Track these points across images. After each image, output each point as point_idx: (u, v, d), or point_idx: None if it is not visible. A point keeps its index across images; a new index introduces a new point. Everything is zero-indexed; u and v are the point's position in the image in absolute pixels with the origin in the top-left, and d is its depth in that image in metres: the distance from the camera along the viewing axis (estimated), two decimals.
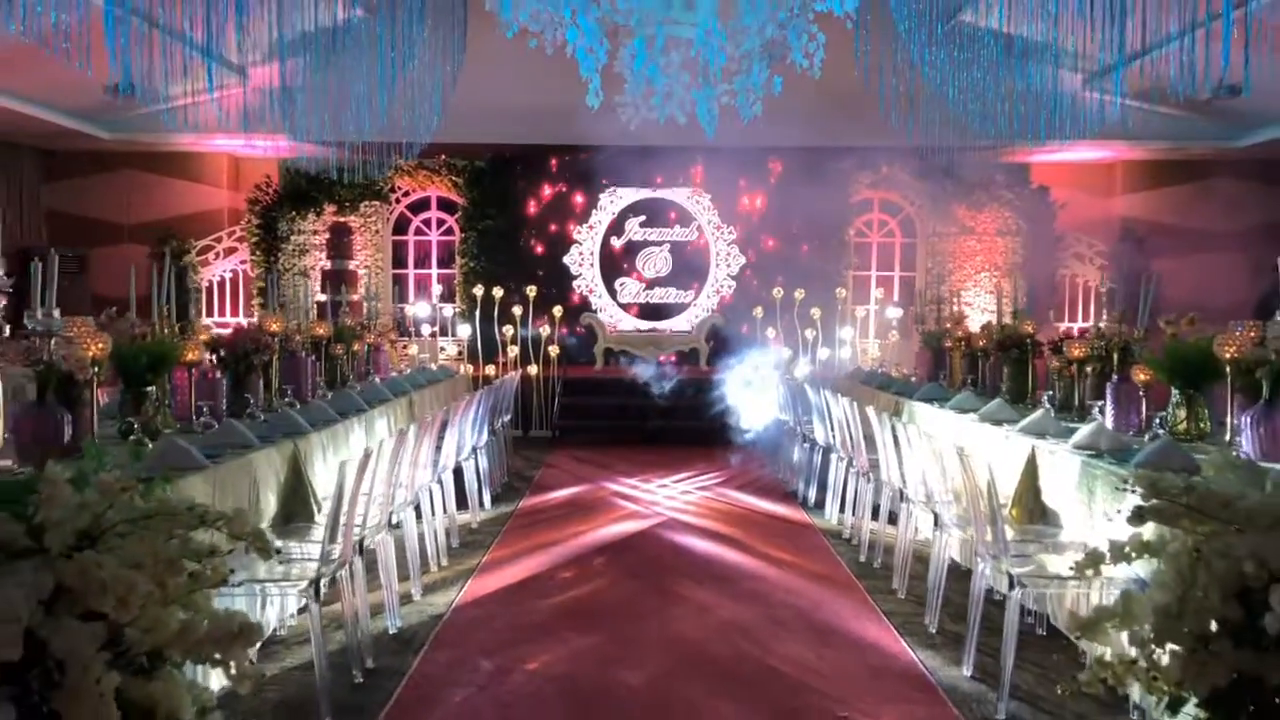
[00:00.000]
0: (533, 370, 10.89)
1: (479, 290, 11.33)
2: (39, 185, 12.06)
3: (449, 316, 11.78)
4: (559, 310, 11.27)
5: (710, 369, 11.05)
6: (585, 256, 11.86)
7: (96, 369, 3.64)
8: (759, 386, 9.70)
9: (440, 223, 12.49)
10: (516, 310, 11.16)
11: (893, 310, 11.74)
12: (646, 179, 11.81)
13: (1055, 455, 4.14)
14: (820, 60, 7.65)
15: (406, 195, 12.34)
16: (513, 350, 11.07)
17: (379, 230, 12.29)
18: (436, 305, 11.83)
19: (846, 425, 5.87)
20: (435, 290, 12.22)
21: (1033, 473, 4.30)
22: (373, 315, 8.75)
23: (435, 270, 12.48)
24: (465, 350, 11.30)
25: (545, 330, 11.10)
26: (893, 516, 5.24)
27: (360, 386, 6.24)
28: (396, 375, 7.43)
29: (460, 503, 6.16)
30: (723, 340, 11.56)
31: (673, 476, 8.22)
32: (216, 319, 11.50)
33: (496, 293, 11.23)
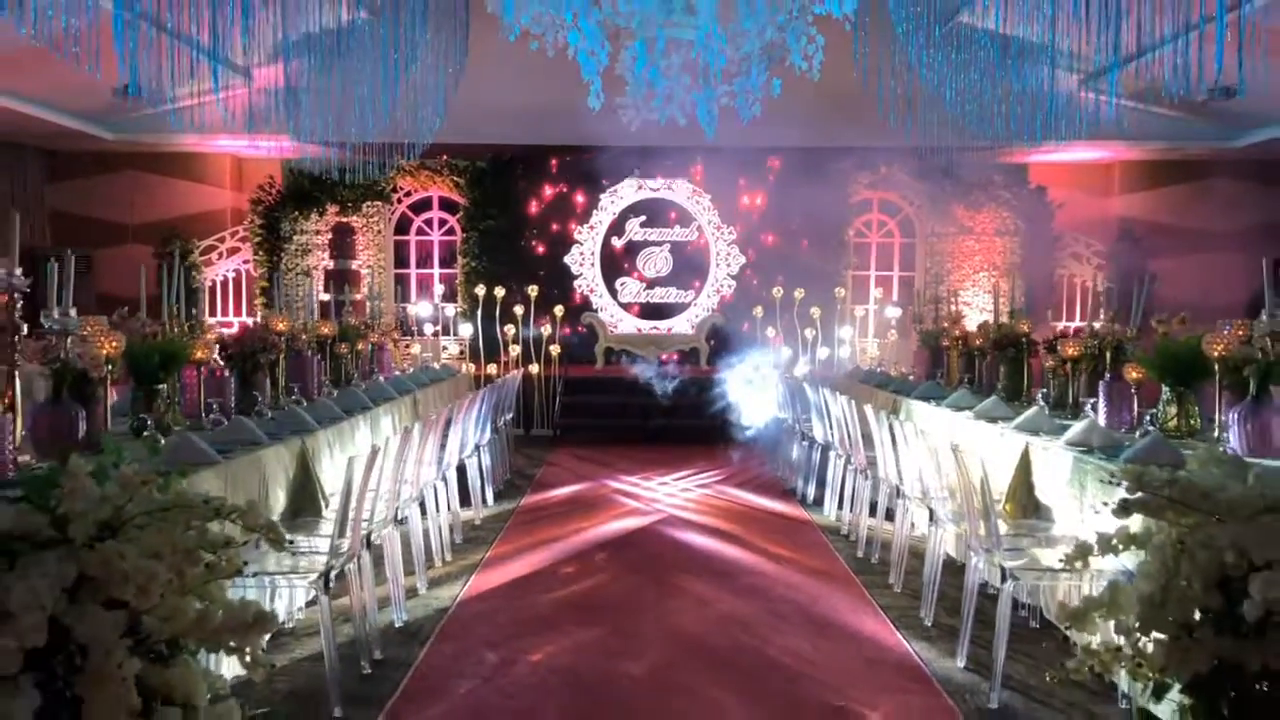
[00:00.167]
0: (534, 369, 10.97)
1: (480, 290, 11.41)
2: (43, 186, 12.14)
3: (450, 316, 11.86)
4: (560, 310, 11.35)
5: (710, 368, 11.13)
6: (586, 256, 11.93)
7: (110, 367, 3.73)
8: (759, 385, 9.77)
9: (442, 223, 12.57)
10: (518, 310, 11.24)
11: (891, 310, 11.81)
12: (647, 179, 11.88)
13: (1048, 451, 4.23)
14: (819, 62, 7.72)
15: (408, 195, 12.41)
16: (514, 349, 11.16)
17: (381, 230, 12.37)
18: (438, 305, 11.91)
19: (845, 423, 5.95)
20: (437, 290, 12.31)
21: (1026, 469, 4.38)
22: (376, 315, 8.82)
23: (437, 270, 12.56)
24: (467, 349, 11.39)
25: (546, 330, 11.18)
26: (889, 513, 5.32)
27: (365, 385, 6.32)
28: (400, 374, 7.51)
29: (464, 500, 6.24)
30: (723, 339, 11.63)
31: (673, 474, 8.30)
32: (219, 318, 11.58)
33: (498, 292, 11.31)
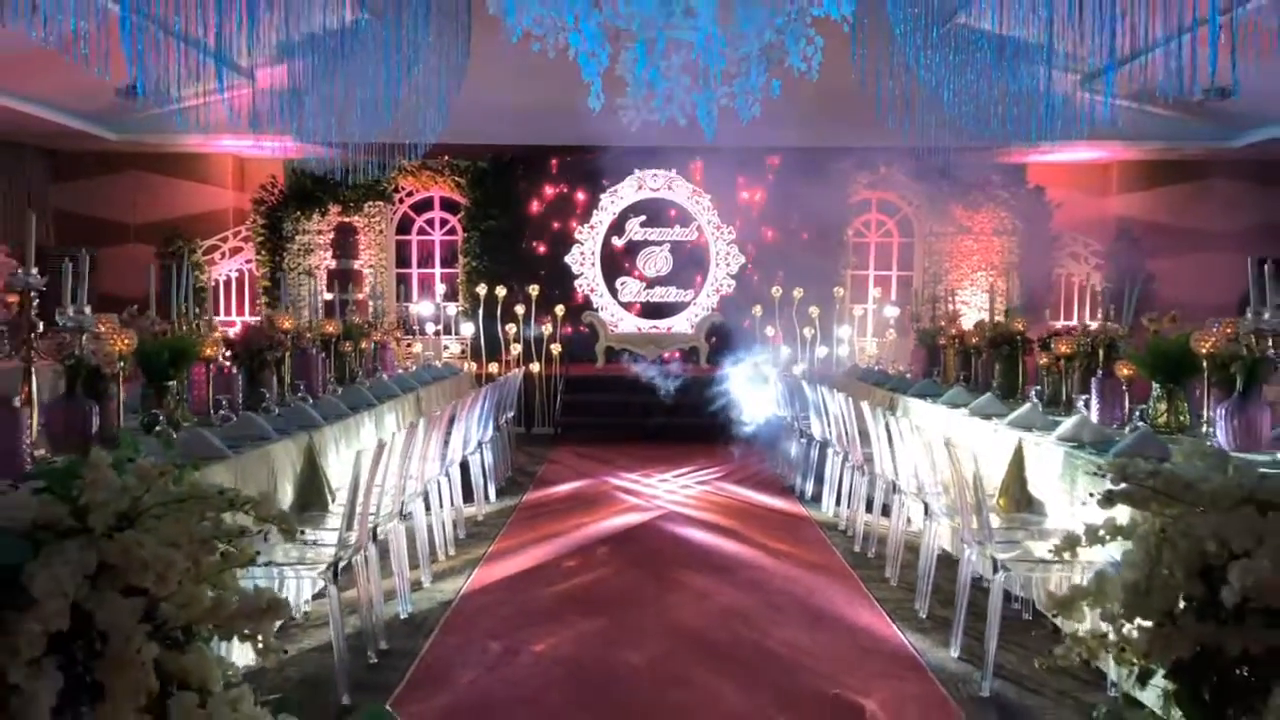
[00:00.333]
0: (535, 368, 11.05)
1: (482, 289, 11.49)
2: (46, 186, 12.21)
3: (452, 315, 11.93)
4: (561, 309, 11.43)
5: (710, 367, 11.21)
6: (586, 256, 11.98)
7: (122, 364, 3.81)
8: (758, 384, 9.86)
9: (443, 223, 12.64)
10: (519, 309, 11.33)
11: (890, 309, 11.88)
12: (647, 179, 11.95)
13: (1040, 447, 4.31)
14: (818, 63, 7.80)
15: (410, 195, 12.48)
16: (515, 348, 11.24)
17: (383, 230, 12.44)
18: (440, 304, 11.99)
19: (842, 421, 6.03)
20: (439, 289, 12.38)
21: (1019, 464, 4.47)
22: (379, 314, 8.90)
23: (438, 269, 12.63)
24: (468, 348, 11.47)
25: (547, 329, 11.26)
26: (886, 508, 5.40)
27: (369, 383, 6.41)
28: (403, 372, 7.59)
29: (466, 496, 6.31)
30: (722, 338, 11.70)
31: (673, 471, 8.38)
32: (222, 317, 11.65)
33: (499, 292, 11.39)
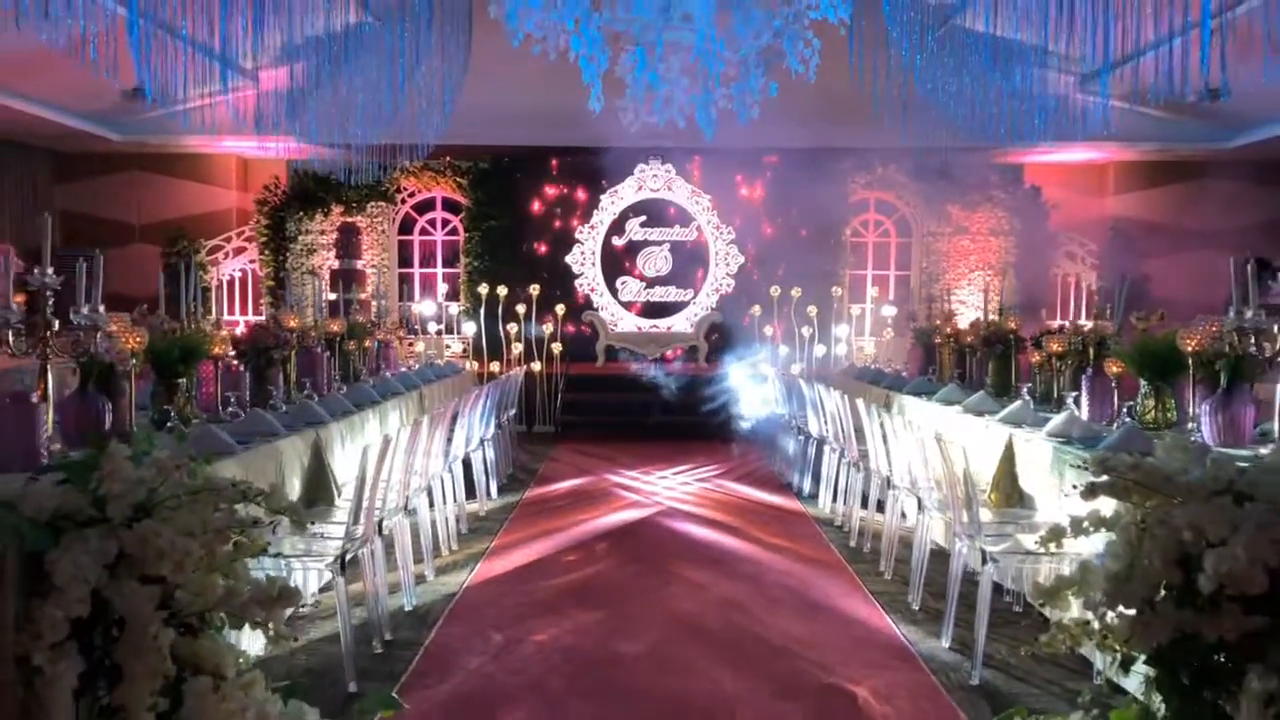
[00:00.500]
0: (536, 367, 11.15)
1: (483, 289, 11.59)
2: (51, 186, 12.31)
3: (454, 315, 12.03)
4: (561, 309, 11.53)
5: (709, 365, 11.31)
6: (587, 256, 12.04)
7: (134, 361, 3.91)
8: (756, 382, 9.96)
9: (445, 223, 12.72)
10: (520, 309, 11.42)
11: (888, 308, 11.97)
12: (646, 179, 12.03)
13: (1030, 443, 4.41)
14: (815, 65, 7.90)
15: (412, 196, 12.56)
16: (517, 347, 11.34)
17: (385, 230, 12.54)
18: (441, 304, 12.08)
19: (838, 418, 6.13)
20: (440, 289, 12.48)
21: (1010, 459, 4.56)
22: (382, 313, 9.00)
23: (440, 269, 12.72)
24: (470, 347, 11.57)
25: (548, 328, 11.36)
26: (880, 504, 5.50)
27: (373, 381, 6.51)
28: (406, 371, 7.69)
29: (469, 492, 6.41)
30: (721, 338, 11.80)
31: (673, 469, 8.48)
32: (226, 317, 11.74)
33: (500, 291, 11.49)
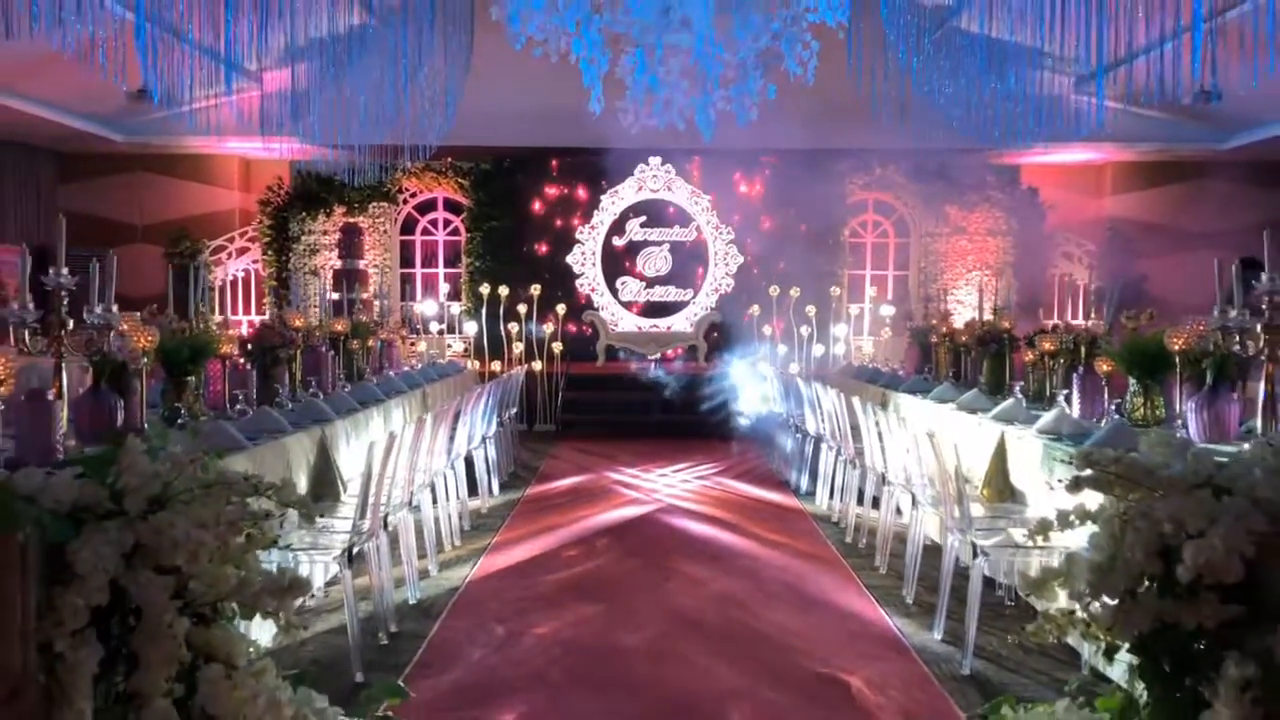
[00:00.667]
0: (537, 366, 11.25)
1: (484, 289, 11.68)
2: (55, 187, 12.40)
3: (455, 314, 12.12)
4: (562, 308, 11.62)
5: (708, 365, 11.40)
6: (588, 256, 12.12)
7: (145, 360, 4.00)
8: (755, 381, 10.05)
9: (446, 223, 12.81)
10: (521, 308, 11.51)
11: (886, 308, 12.05)
12: (646, 180, 12.11)
13: (1022, 440, 4.50)
14: (814, 67, 7.98)
15: (414, 196, 12.64)
16: (518, 347, 11.43)
17: (387, 230, 12.63)
18: (443, 304, 12.17)
19: (835, 416, 6.22)
20: (442, 289, 12.56)
21: (1002, 456, 4.66)
22: (385, 313, 9.09)
23: (442, 269, 12.81)
24: (471, 347, 11.66)
25: (549, 328, 11.45)
26: (876, 501, 5.59)
27: (377, 379, 6.60)
28: (408, 370, 7.78)
29: (471, 490, 6.51)
30: (721, 337, 11.89)
31: (672, 467, 8.57)
32: (229, 317, 11.82)
33: (501, 291, 11.58)
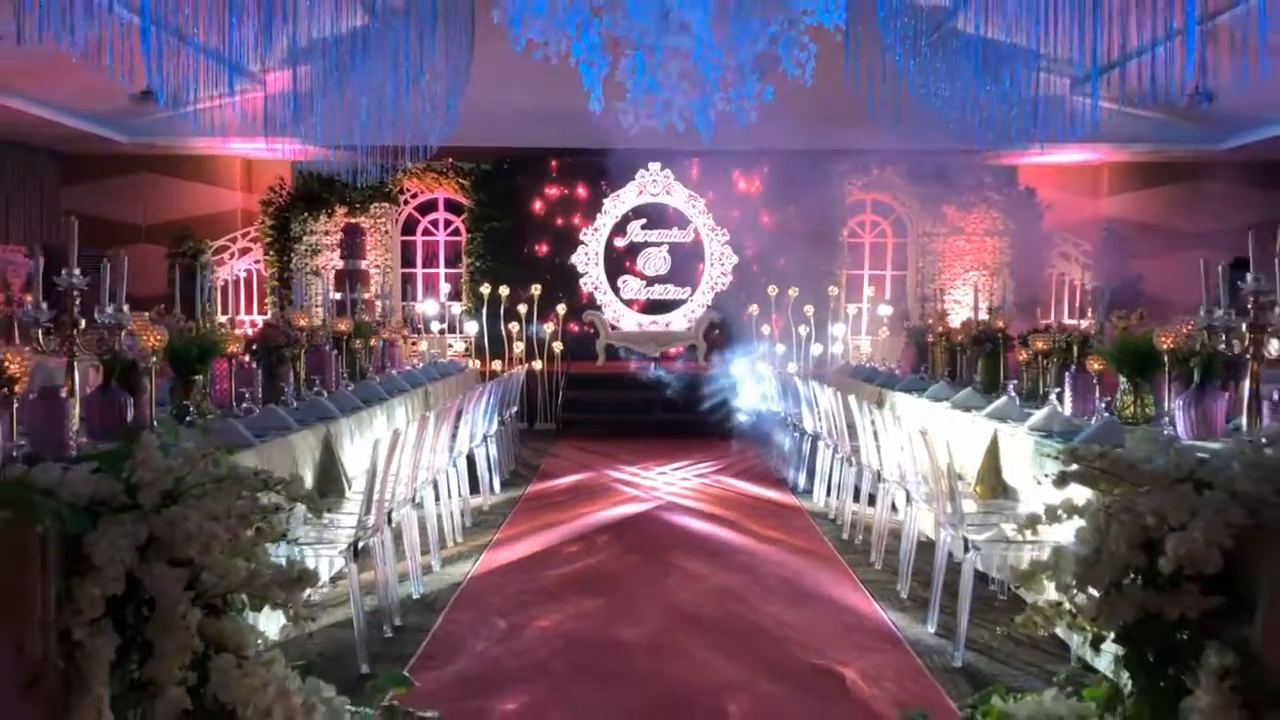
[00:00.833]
0: (537, 366, 11.33)
1: (485, 289, 11.77)
2: (58, 187, 12.48)
3: (456, 314, 12.20)
4: (563, 308, 11.70)
5: (708, 364, 11.48)
6: (591, 256, 12.19)
7: (155, 359, 4.08)
8: (754, 380, 10.13)
9: (447, 224, 12.90)
10: (521, 308, 11.60)
11: (884, 308, 12.13)
12: (647, 185, 12.19)
13: (1014, 437, 4.59)
14: (811, 69, 8.06)
15: (415, 197, 12.74)
16: (518, 346, 11.52)
17: (388, 231, 12.71)
18: (444, 303, 12.25)
19: (832, 414, 6.31)
20: (443, 289, 12.64)
21: (994, 453, 4.74)
22: (386, 313, 9.17)
23: (443, 269, 12.89)
24: (472, 346, 11.75)
25: (550, 327, 11.53)
26: (872, 498, 5.68)
27: (379, 378, 6.68)
28: (410, 369, 7.86)
29: (473, 487, 6.59)
30: (720, 336, 11.98)
31: (671, 465, 8.65)
32: (224, 317, 11.90)
33: (502, 291, 11.67)
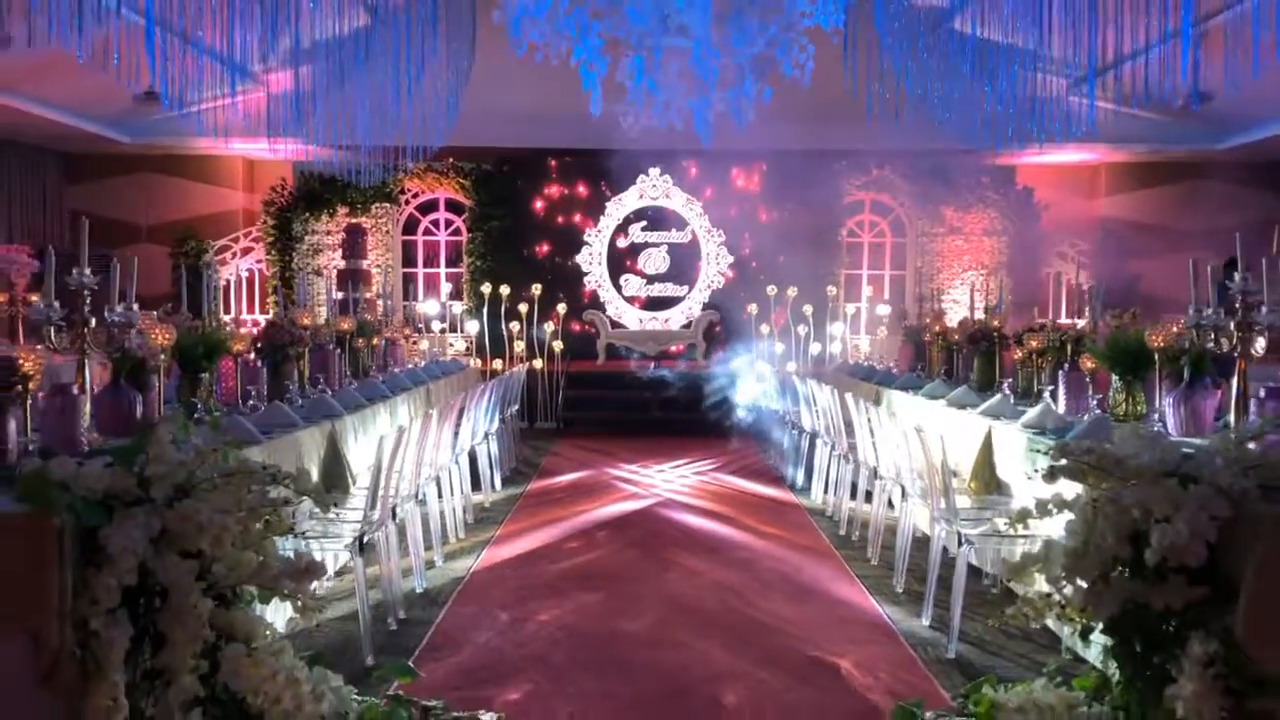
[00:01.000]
0: (538, 365, 11.40)
1: (486, 288, 11.84)
2: (62, 188, 12.55)
3: (457, 314, 12.27)
4: (563, 307, 11.78)
5: (707, 363, 11.55)
6: (595, 256, 12.23)
7: (164, 356, 4.15)
8: (753, 379, 10.21)
9: (448, 223, 12.96)
10: (522, 307, 11.67)
11: (882, 307, 12.20)
12: (647, 189, 12.25)
13: (1008, 434, 4.66)
14: (810, 71, 8.14)
15: (416, 197, 12.80)
16: (519, 345, 11.59)
17: (389, 231, 12.78)
18: (445, 303, 12.32)
19: (829, 412, 6.39)
20: (444, 289, 12.71)
21: (988, 450, 4.82)
22: (388, 312, 9.24)
23: (444, 269, 12.95)
24: (473, 346, 11.82)
25: (550, 327, 11.61)
26: (869, 494, 5.75)
27: (382, 377, 6.76)
28: (412, 367, 7.94)
29: (474, 484, 6.67)
30: (719, 336, 12.05)
31: (671, 462, 8.73)
32: (229, 316, 11.96)
33: (503, 291, 11.74)
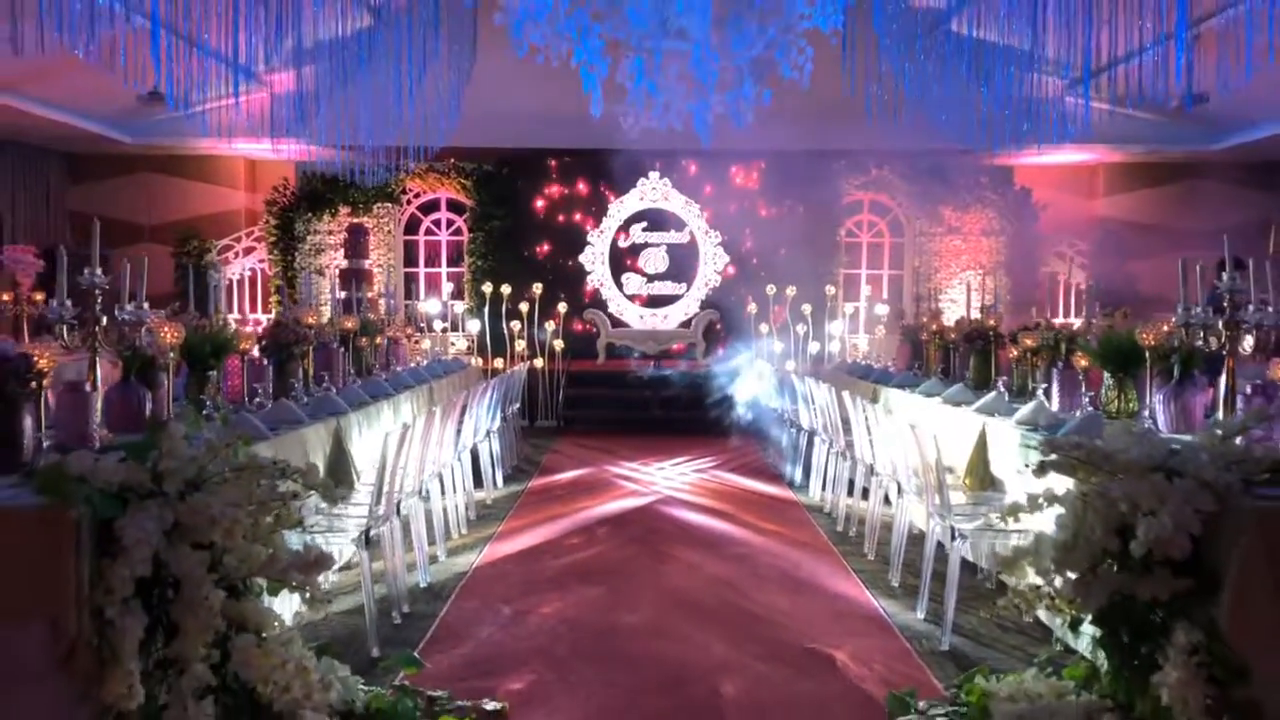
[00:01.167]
0: (539, 364, 11.48)
1: (487, 288, 11.91)
2: (64, 188, 12.62)
3: (459, 313, 12.34)
4: (564, 307, 11.85)
5: (706, 362, 11.63)
6: (597, 255, 12.31)
7: (172, 354, 4.23)
8: (752, 378, 10.28)
9: (449, 223, 13.04)
10: (523, 307, 11.75)
11: (881, 307, 12.27)
12: (647, 191, 12.31)
13: (1002, 431, 4.74)
14: (809, 72, 8.20)
15: (417, 197, 12.87)
16: (520, 344, 11.67)
17: (391, 230, 12.85)
18: (446, 302, 12.39)
19: (827, 410, 6.46)
20: (445, 288, 12.78)
21: (983, 446, 4.90)
22: (391, 311, 9.32)
23: (445, 269, 13.03)
24: (474, 345, 11.90)
25: (551, 326, 11.69)
26: (866, 491, 5.83)
27: (385, 375, 6.84)
28: (415, 366, 8.02)
29: (476, 481, 6.75)
30: (718, 335, 12.13)
31: (670, 460, 8.80)
32: (236, 315, 12.04)
33: (504, 290, 11.82)
